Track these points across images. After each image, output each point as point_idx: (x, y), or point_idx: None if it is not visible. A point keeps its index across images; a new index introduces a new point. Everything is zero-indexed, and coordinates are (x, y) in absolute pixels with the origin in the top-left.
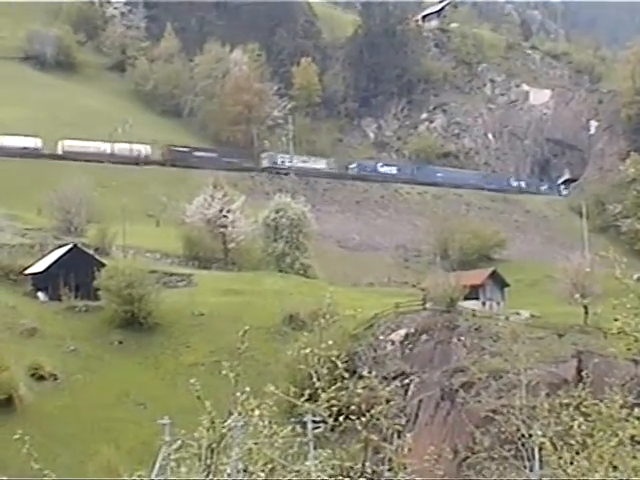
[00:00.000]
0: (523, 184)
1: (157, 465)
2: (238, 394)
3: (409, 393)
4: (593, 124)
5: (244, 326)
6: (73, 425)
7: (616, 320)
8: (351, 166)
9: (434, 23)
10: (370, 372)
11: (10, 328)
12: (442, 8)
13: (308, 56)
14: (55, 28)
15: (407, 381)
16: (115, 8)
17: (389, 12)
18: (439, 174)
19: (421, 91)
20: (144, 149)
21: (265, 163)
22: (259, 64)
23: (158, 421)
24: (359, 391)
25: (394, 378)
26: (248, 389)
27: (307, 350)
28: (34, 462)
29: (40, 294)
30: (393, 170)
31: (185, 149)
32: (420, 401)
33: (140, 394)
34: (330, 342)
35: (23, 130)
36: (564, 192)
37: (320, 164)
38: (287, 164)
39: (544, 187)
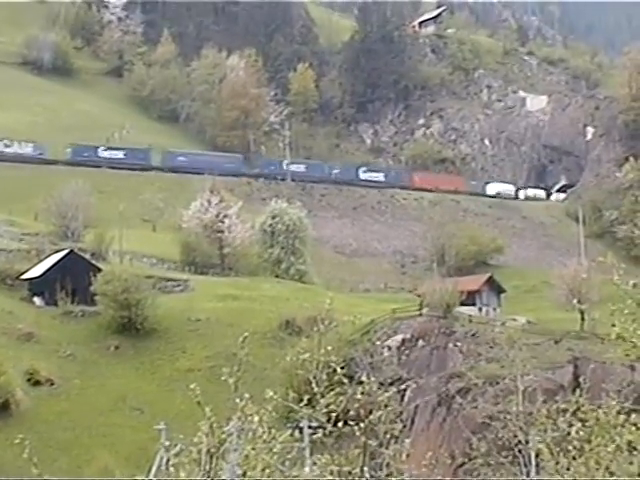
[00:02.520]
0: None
1: (153, 469)
2: (237, 400)
3: (405, 399)
4: (590, 130)
5: (241, 331)
6: (70, 430)
7: (614, 326)
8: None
9: (431, 29)
10: (369, 378)
11: (6, 333)
12: (439, 14)
13: (305, 62)
14: (53, 33)
15: (404, 387)
16: (112, 13)
17: (386, 18)
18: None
19: (418, 97)
20: None
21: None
22: (256, 69)
23: (155, 426)
24: (358, 397)
25: (391, 384)
26: (247, 395)
27: (306, 355)
28: (34, 467)
29: (37, 299)
30: None
31: None
32: (417, 407)
33: (136, 399)
34: (329, 348)
35: (20, 135)
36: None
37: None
38: None
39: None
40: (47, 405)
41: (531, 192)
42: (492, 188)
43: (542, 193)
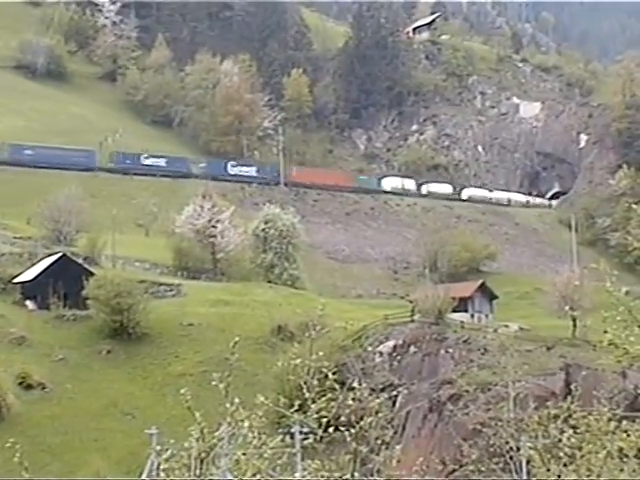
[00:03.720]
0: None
1: (144, 474)
2: (228, 405)
3: (397, 405)
4: (583, 138)
5: (232, 336)
6: (61, 434)
7: (606, 332)
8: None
9: (425, 35)
10: (360, 384)
11: None
12: (433, 20)
13: (299, 67)
14: (47, 38)
15: (395, 393)
16: (106, 18)
17: (380, 24)
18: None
19: (411, 103)
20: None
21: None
22: (250, 75)
23: (146, 431)
24: (350, 403)
25: (382, 390)
26: (238, 400)
27: (297, 361)
28: (25, 471)
29: (29, 303)
30: None
31: None
32: (408, 413)
33: (128, 404)
34: (321, 353)
35: (13, 139)
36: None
37: None
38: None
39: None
40: (39, 409)
41: (433, 187)
42: (388, 183)
43: (448, 188)
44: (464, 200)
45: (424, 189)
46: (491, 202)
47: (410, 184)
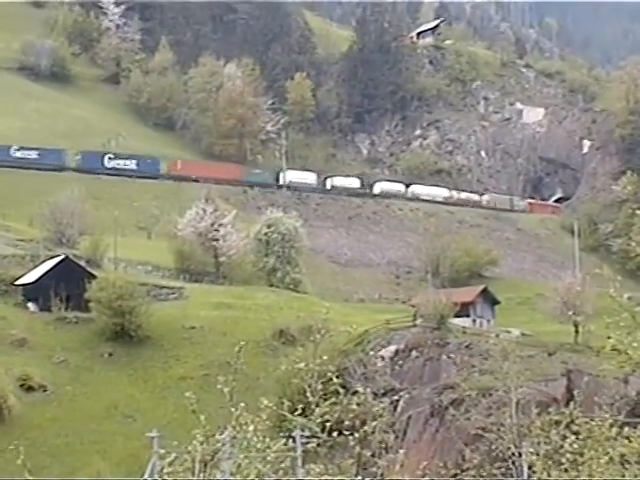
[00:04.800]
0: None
1: (145, 476)
2: (232, 409)
3: (398, 409)
4: (586, 143)
5: (234, 340)
6: (62, 436)
7: (609, 338)
8: None
9: (428, 40)
10: (365, 388)
11: (0, 339)
12: (437, 25)
13: (302, 71)
14: (50, 39)
15: (396, 397)
16: (110, 20)
17: (384, 29)
18: None
19: (415, 108)
20: None
21: None
22: (253, 78)
23: (147, 434)
24: (353, 407)
25: (384, 394)
26: (243, 404)
27: (301, 365)
28: (28, 473)
29: (30, 305)
30: None
31: None
32: (409, 417)
33: (129, 406)
34: (325, 357)
35: (15, 141)
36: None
37: None
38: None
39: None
40: (40, 411)
41: (338, 181)
42: (289, 176)
43: (355, 182)
44: (375, 195)
45: (328, 183)
46: (405, 197)
47: (311, 178)
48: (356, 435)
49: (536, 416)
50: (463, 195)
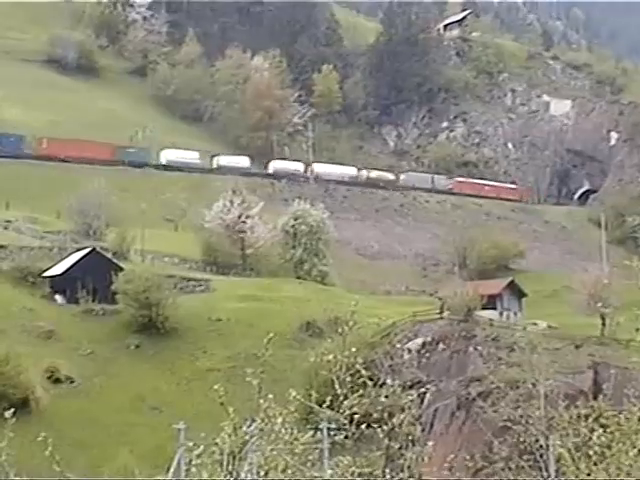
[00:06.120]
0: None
1: (172, 469)
2: (261, 401)
3: (425, 402)
4: (613, 135)
5: (261, 332)
6: (88, 428)
7: (638, 330)
8: None
9: (455, 32)
10: (393, 380)
11: (27, 330)
12: (464, 17)
13: (329, 63)
14: (77, 32)
15: (423, 390)
16: (137, 13)
17: (411, 21)
18: None
19: (442, 100)
20: None
21: None
22: (280, 70)
23: (173, 426)
24: (382, 399)
25: (410, 387)
26: (271, 396)
27: (329, 357)
28: (55, 465)
29: (58, 297)
30: None
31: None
32: (436, 410)
33: (155, 398)
34: (353, 349)
35: (43, 133)
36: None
37: None
38: None
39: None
40: (66, 403)
41: (225, 160)
42: (169, 155)
43: (244, 160)
44: (269, 174)
45: (215, 162)
46: (304, 177)
47: (194, 156)
48: (384, 428)
49: (564, 409)
50: (374, 174)
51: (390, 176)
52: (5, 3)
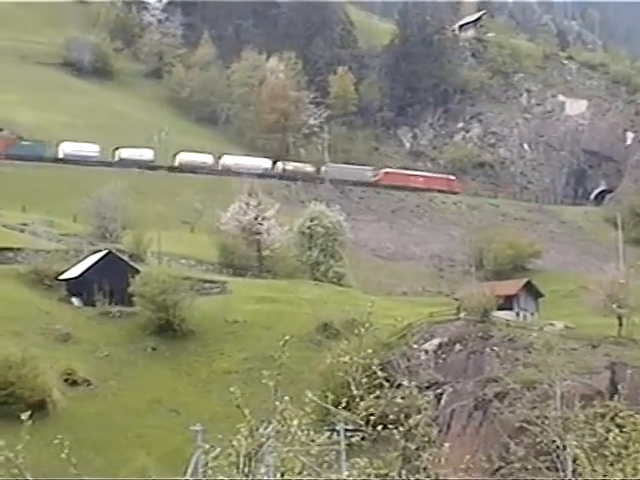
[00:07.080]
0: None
1: (189, 471)
2: (277, 403)
3: (442, 403)
4: (630, 135)
5: (278, 334)
6: (105, 431)
7: None
8: None
9: (471, 33)
10: (410, 381)
11: (44, 333)
12: (479, 18)
13: (345, 65)
14: (93, 35)
15: (440, 391)
16: (152, 15)
17: (426, 22)
18: None
19: (457, 101)
20: None
21: None
22: (295, 72)
23: (191, 428)
24: (399, 400)
25: (427, 388)
26: (287, 398)
27: (346, 358)
28: (73, 467)
29: (74, 299)
30: None
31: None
32: (453, 411)
33: (172, 401)
34: (370, 350)
35: (59, 135)
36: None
37: None
38: None
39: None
40: (83, 405)
41: (127, 153)
42: (67, 148)
43: (148, 153)
44: (175, 168)
45: (116, 155)
46: (214, 169)
47: (93, 149)
48: (400, 429)
49: (580, 409)
50: (290, 166)
51: (309, 168)
52: (20, 7)
